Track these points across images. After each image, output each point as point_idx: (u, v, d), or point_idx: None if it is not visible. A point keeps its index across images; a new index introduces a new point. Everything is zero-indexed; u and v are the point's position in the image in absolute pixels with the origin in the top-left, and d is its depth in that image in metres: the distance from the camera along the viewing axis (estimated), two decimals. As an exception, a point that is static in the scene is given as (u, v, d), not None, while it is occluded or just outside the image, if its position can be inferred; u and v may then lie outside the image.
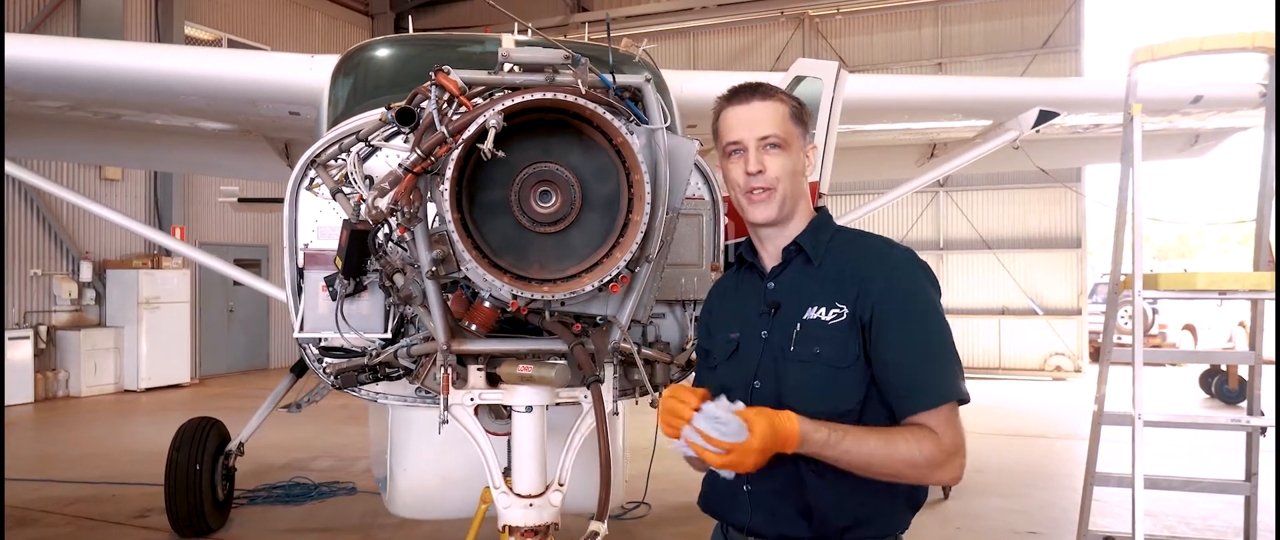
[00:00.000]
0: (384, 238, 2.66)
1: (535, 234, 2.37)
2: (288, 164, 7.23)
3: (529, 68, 2.43)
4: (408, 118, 2.40)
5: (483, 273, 2.28)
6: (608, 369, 2.70)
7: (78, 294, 13.88)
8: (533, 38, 4.78)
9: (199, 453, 5.85)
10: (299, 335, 3.10)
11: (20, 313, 13.27)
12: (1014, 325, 16.66)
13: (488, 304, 2.52)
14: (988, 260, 16.82)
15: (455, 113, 2.30)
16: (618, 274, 2.36)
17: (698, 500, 2.10)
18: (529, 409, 2.65)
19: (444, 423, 2.66)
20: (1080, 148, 8.21)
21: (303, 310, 3.07)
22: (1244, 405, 5.28)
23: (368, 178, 2.86)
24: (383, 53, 4.96)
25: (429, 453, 3.67)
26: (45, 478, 7.71)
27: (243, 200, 10.79)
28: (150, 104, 6.25)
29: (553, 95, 2.28)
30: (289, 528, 6.22)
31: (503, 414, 2.89)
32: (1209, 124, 7.26)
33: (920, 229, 17.23)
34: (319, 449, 8.88)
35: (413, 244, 2.49)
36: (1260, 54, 4.80)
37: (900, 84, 9.01)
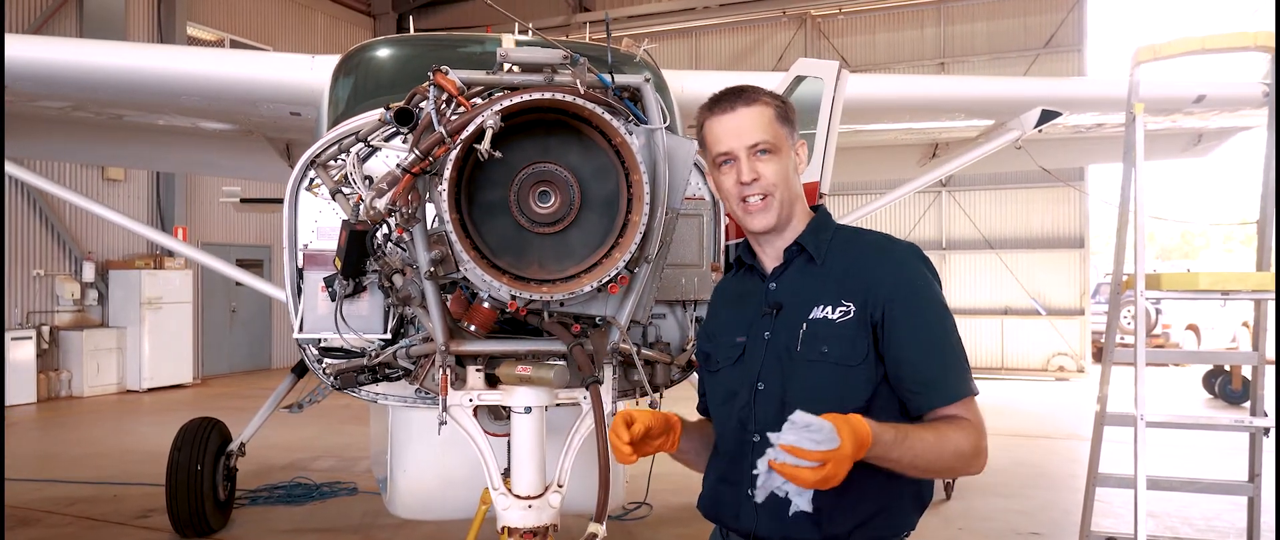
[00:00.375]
0: (383, 238, 2.65)
1: (534, 234, 2.36)
2: (288, 164, 7.23)
3: (527, 68, 2.43)
4: (406, 118, 2.39)
5: (481, 273, 2.27)
6: (607, 370, 2.70)
7: (80, 294, 13.90)
8: (532, 38, 4.78)
9: (200, 453, 5.84)
10: (299, 336, 3.09)
11: (23, 313, 13.29)
12: (1017, 325, 16.64)
13: (486, 305, 2.52)
14: (990, 260, 16.79)
15: (454, 113, 2.29)
16: (617, 274, 2.35)
17: (697, 503, 2.07)
18: (528, 410, 2.65)
19: (443, 424, 2.65)
20: (1083, 147, 8.18)
21: (302, 311, 3.07)
22: (1247, 406, 5.27)
23: (367, 178, 2.85)
24: (383, 53, 4.96)
25: (429, 454, 3.66)
26: (47, 478, 7.72)
27: (245, 201, 10.80)
28: (152, 104, 6.26)
29: (551, 95, 2.27)
30: (290, 528, 6.22)
31: (502, 415, 2.88)
32: (1212, 123, 7.24)
33: (923, 229, 17.21)
34: (320, 449, 8.88)
35: (411, 244, 2.48)
36: (1263, 53, 4.78)
37: (902, 84, 9.00)
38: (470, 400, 2.66)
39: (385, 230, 2.63)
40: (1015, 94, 6.53)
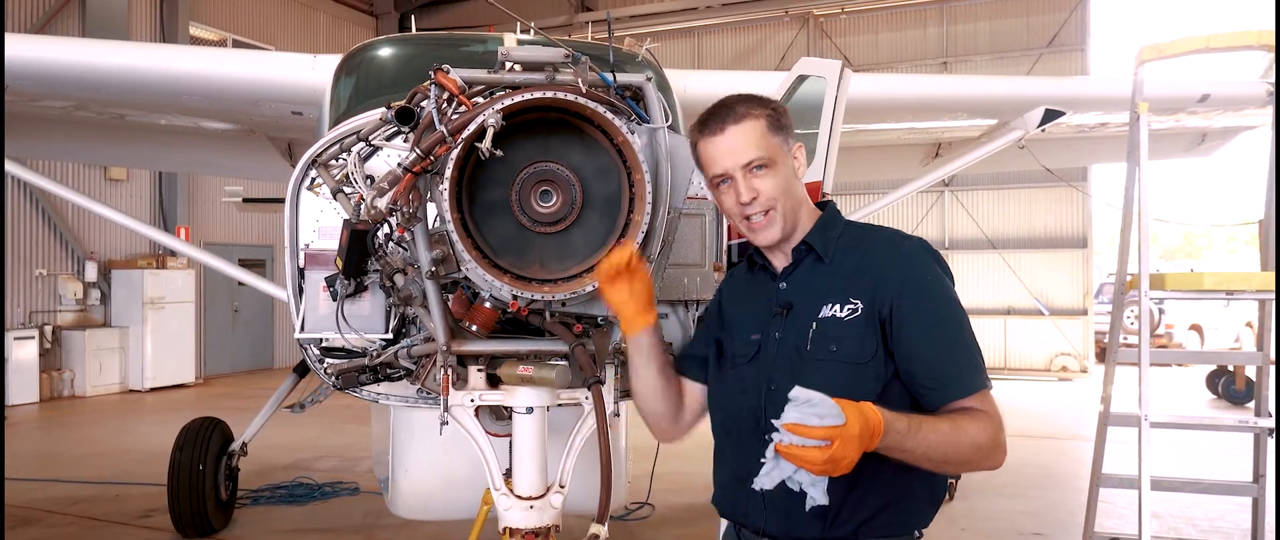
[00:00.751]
0: (384, 238, 2.64)
1: (536, 234, 2.35)
2: (290, 164, 7.23)
3: (529, 66, 2.41)
4: (407, 117, 2.38)
5: (483, 273, 2.26)
6: (609, 370, 2.68)
7: (83, 294, 13.92)
8: (534, 37, 4.77)
9: (202, 453, 5.85)
10: (300, 336, 3.08)
11: (26, 313, 13.31)
12: (1020, 325, 16.62)
13: (488, 304, 2.50)
14: (993, 260, 16.77)
15: (455, 112, 2.28)
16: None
17: (712, 499, 2.08)
18: (530, 410, 2.63)
19: (444, 424, 2.64)
20: (1086, 147, 8.16)
21: (304, 311, 3.06)
22: (1251, 406, 5.25)
23: (368, 177, 2.84)
24: (384, 52, 4.95)
25: (430, 454, 3.65)
26: (49, 477, 7.73)
27: (247, 200, 10.82)
28: (154, 104, 6.26)
29: (553, 94, 2.26)
30: (292, 528, 6.22)
31: (503, 415, 2.87)
32: (1216, 123, 7.21)
33: (925, 229, 17.19)
34: (322, 449, 8.89)
35: (413, 244, 2.47)
36: (1267, 52, 4.76)
37: (905, 83, 8.98)
38: (472, 400, 2.65)
39: (386, 230, 2.62)
40: (1018, 93, 6.50)
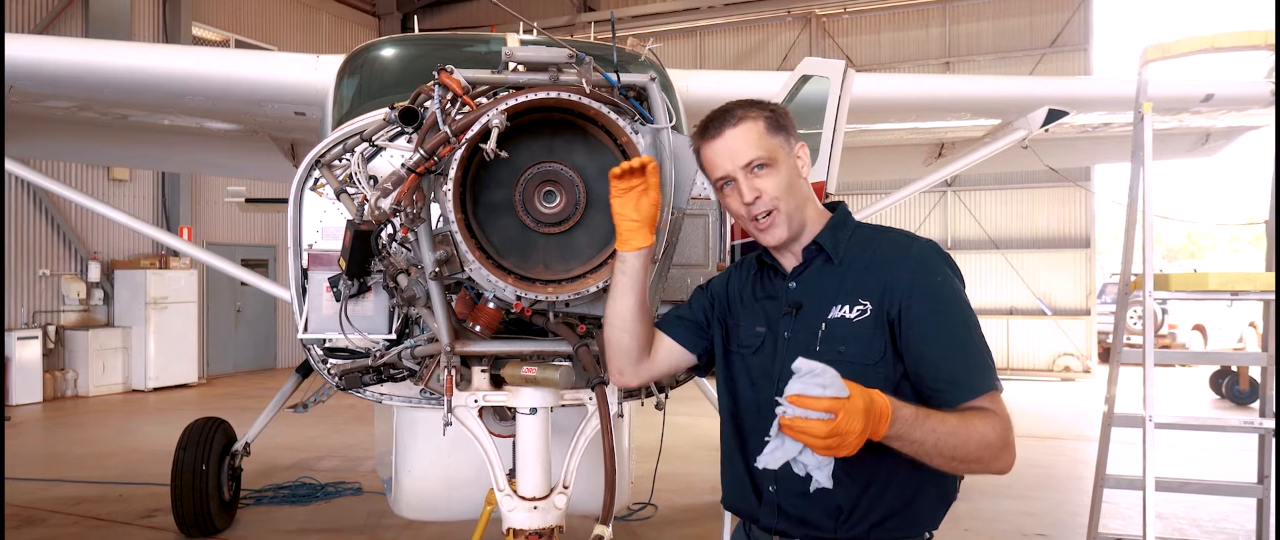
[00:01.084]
0: (388, 238, 2.64)
1: (539, 234, 2.35)
2: (293, 164, 7.23)
3: (533, 67, 2.41)
4: (411, 117, 2.37)
5: (486, 274, 2.26)
6: (613, 371, 2.67)
7: (86, 294, 13.94)
8: (537, 37, 4.76)
9: (205, 453, 5.85)
10: (303, 336, 3.08)
11: (29, 312, 13.33)
12: (1022, 325, 16.59)
13: (492, 305, 2.50)
14: (996, 260, 16.75)
15: (459, 112, 2.28)
16: (622, 275, 2.33)
17: (722, 499, 2.08)
18: (533, 411, 2.63)
19: (448, 425, 2.64)
20: (1089, 147, 8.14)
21: (307, 311, 3.06)
22: (1255, 406, 5.24)
23: (372, 178, 2.84)
24: (387, 52, 4.95)
25: (434, 454, 3.65)
26: (53, 477, 7.74)
27: (250, 201, 10.84)
28: (157, 104, 6.26)
29: (556, 94, 2.25)
30: (295, 528, 6.22)
31: (507, 415, 2.87)
32: (1220, 123, 7.19)
33: (928, 229, 17.16)
34: (325, 449, 8.89)
35: (416, 244, 2.47)
36: (1272, 52, 4.75)
37: (908, 83, 8.95)
38: (475, 401, 2.65)
39: (390, 230, 2.61)
40: (1022, 93, 6.49)
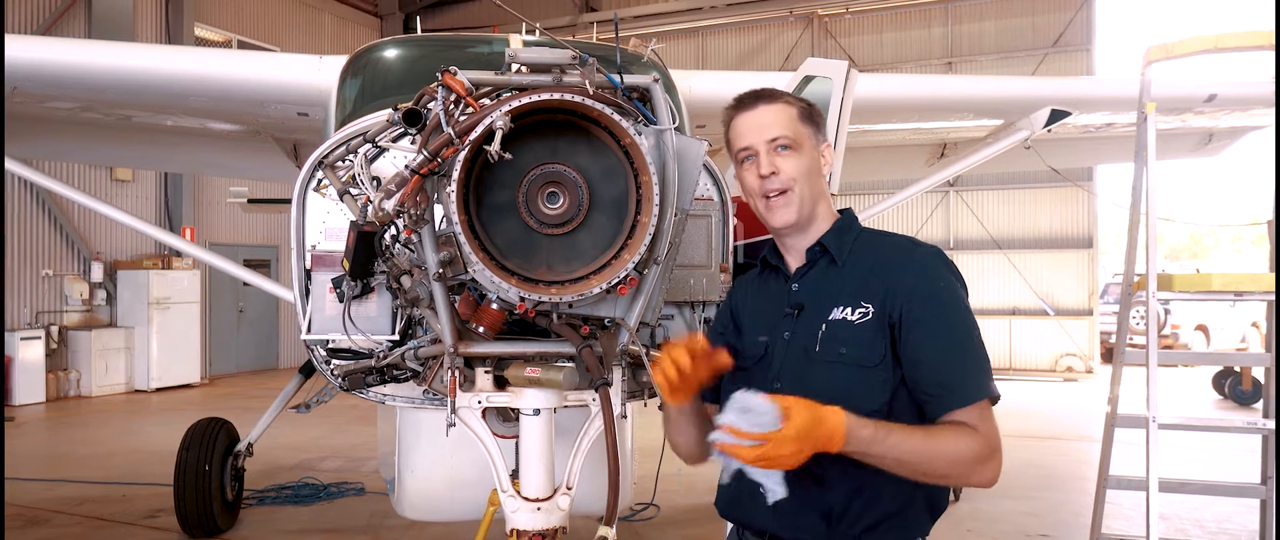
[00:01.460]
0: (391, 239, 2.64)
1: (543, 236, 2.34)
2: (296, 165, 7.24)
3: (536, 68, 2.41)
4: (414, 119, 2.37)
5: (490, 275, 2.26)
6: (616, 372, 2.68)
7: (89, 294, 13.95)
8: (540, 38, 4.76)
9: (208, 453, 5.86)
10: (306, 337, 3.09)
11: (32, 313, 13.35)
12: (1025, 326, 16.58)
13: (495, 306, 2.50)
14: (998, 260, 16.74)
15: (462, 114, 2.28)
16: (626, 276, 2.33)
17: (715, 502, 2.07)
18: (536, 412, 2.63)
19: (452, 425, 2.64)
20: (1092, 147, 8.14)
21: (310, 312, 3.06)
22: (1258, 407, 5.24)
23: (375, 179, 2.84)
24: (390, 53, 4.96)
25: (437, 455, 3.65)
26: (56, 477, 7.75)
27: (252, 201, 10.85)
28: (160, 105, 6.27)
29: (560, 96, 2.25)
30: (298, 528, 6.22)
31: (510, 416, 2.86)
32: (1223, 123, 7.19)
33: (930, 229, 17.16)
34: (328, 449, 8.90)
35: (420, 246, 2.47)
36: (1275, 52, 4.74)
37: (910, 83, 8.95)
38: (479, 402, 2.64)
39: (393, 231, 2.62)
40: (1025, 93, 6.49)
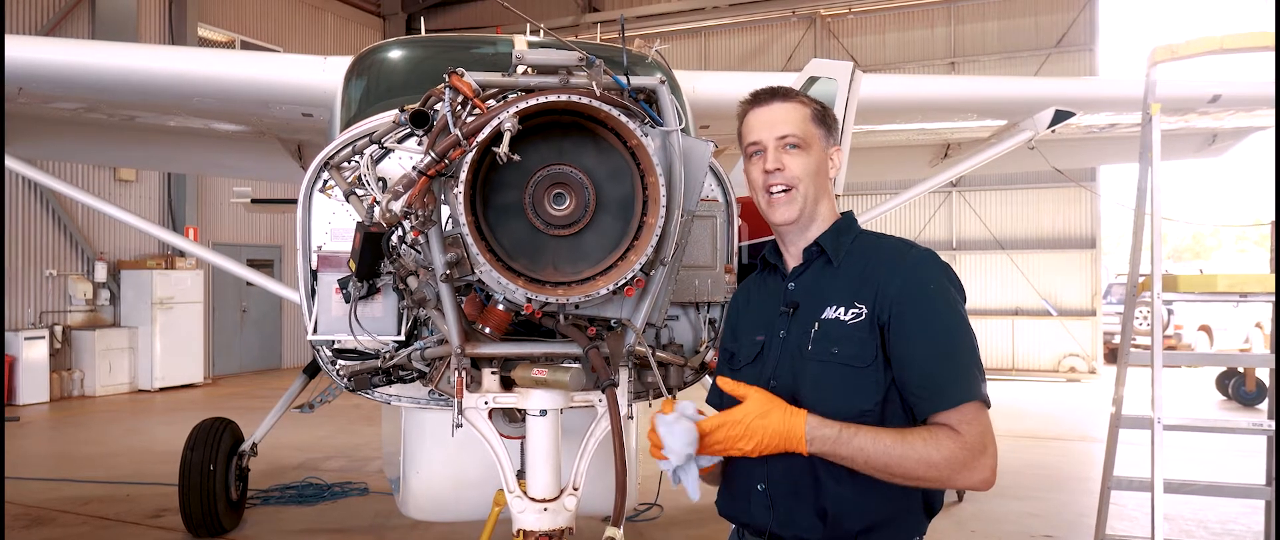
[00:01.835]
0: (398, 240, 2.65)
1: (549, 237, 2.35)
2: (300, 165, 7.25)
3: (543, 69, 2.41)
4: (421, 120, 2.38)
5: (497, 276, 2.26)
6: (622, 372, 2.68)
7: (92, 294, 13.98)
8: (546, 39, 4.77)
9: (213, 453, 5.87)
10: (312, 337, 3.09)
11: (36, 313, 13.37)
12: (1028, 326, 16.57)
13: (502, 307, 2.50)
14: (1001, 261, 16.72)
15: (469, 115, 2.28)
16: (633, 277, 2.33)
17: (716, 503, 2.09)
18: (543, 413, 2.63)
19: (458, 426, 2.64)
20: (1096, 148, 8.14)
21: (316, 312, 3.07)
22: (1262, 408, 5.23)
23: (381, 180, 2.85)
24: (395, 54, 4.96)
25: (442, 455, 3.66)
26: (60, 477, 7.76)
27: (255, 201, 10.86)
28: (164, 105, 6.28)
29: (567, 97, 2.25)
30: (302, 528, 6.23)
31: (517, 417, 2.87)
32: (1227, 123, 7.18)
33: (933, 229, 17.15)
34: (332, 449, 8.91)
35: (426, 247, 2.47)
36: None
37: (914, 84, 8.95)
38: (486, 403, 2.65)
39: (400, 232, 2.62)
40: (1029, 94, 6.49)
